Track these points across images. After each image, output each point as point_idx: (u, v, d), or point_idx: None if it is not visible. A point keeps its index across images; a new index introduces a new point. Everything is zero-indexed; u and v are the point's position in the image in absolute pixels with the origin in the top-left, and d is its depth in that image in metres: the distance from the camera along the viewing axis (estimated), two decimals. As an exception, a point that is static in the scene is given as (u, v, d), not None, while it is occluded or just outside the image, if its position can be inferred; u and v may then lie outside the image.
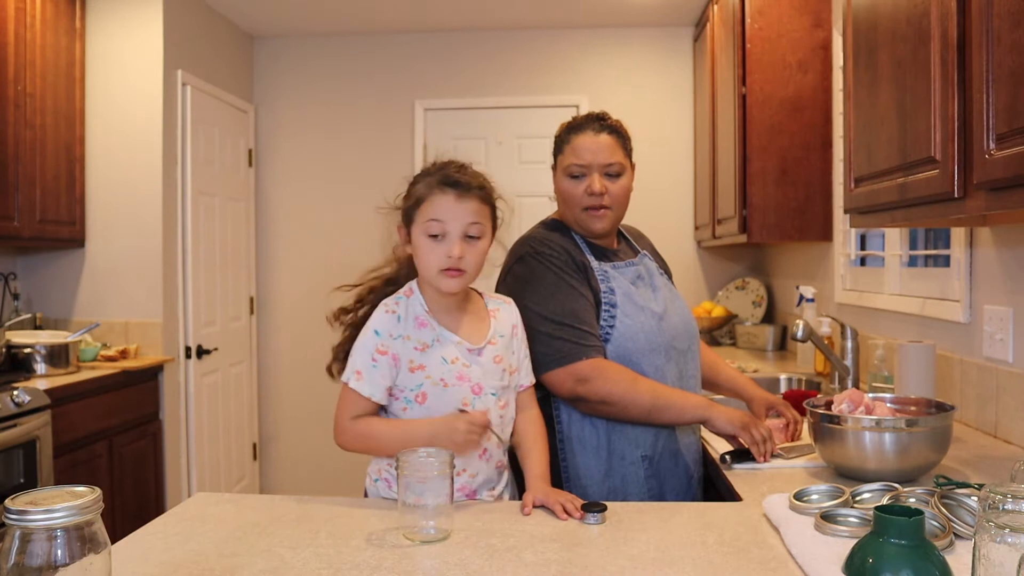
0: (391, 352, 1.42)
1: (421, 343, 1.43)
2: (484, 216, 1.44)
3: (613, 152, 1.71)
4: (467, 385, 1.43)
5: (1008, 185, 1.18)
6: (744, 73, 3.16)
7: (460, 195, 1.41)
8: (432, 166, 1.48)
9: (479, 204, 1.43)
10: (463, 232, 1.41)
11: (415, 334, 1.44)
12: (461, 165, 1.48)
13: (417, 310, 1.46)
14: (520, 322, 1.56)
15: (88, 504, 0.87)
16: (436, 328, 1.45)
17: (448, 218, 1.40)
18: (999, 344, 1.84)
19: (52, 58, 3.30)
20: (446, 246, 1.40)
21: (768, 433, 1.62)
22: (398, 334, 1.43)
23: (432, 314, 1.46)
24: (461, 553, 1.16)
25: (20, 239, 3.13)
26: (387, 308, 1.46)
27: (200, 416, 3.92)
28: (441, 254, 1.40)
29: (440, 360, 1.43)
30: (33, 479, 2.65)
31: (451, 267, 1.40)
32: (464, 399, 1.42)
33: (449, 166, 1.47)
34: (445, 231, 1.40)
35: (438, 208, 1.40)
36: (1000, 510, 0.86)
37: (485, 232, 1.44)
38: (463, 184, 1.42)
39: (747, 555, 1.14)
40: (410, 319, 1.45)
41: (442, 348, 1.43)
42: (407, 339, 1.43)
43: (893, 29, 1.58)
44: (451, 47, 4.60)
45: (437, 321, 1.45)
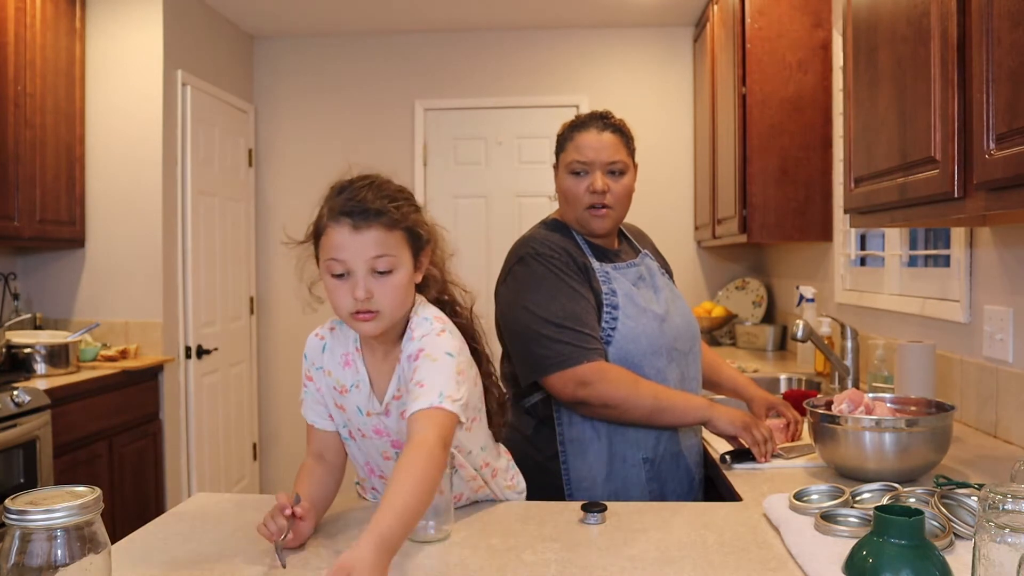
0: (316, 382, 1.32)
1: (340, 384, 1.30)
2: (393, 245, 1.20)
3: (616, 151, 1.71)
4: (387, 439, 1.30)
5: (1008, 185, 1.18)
6: (744, 73, 3.16)
7: (357, 226, 1.18)
8: (336, 186, 1.24)
9: (383, 232, 1.19)
10: (369, 268, 1.19)
11: (337, 372, 1.30)
12: (365, 184, 1.22)
13: (347, 344, 1.31)
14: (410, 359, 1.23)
15: (88, 504, 0.87)
16: (359, 371, 1.29)
17: (347, 255, 1.18)
18: (999, 344, 1.84)
19: (52, 58, 3.30)
20: (350, 285, 1.19)
21: (769, 433, 1.62)
22: (319, 365, 1.32)
23: (362, 352, 1.30)
24: (461, 553, 1.16)
25: (20, 239, 3.13)
26: (317, 332, 1.34)
27: (200, 416, 3.92)
28: (346, 293, 1.19)
29: (356, 410, 1.30)
30: (33, 479, 2.65)
31: (359, 310, 1.19)
32: (384, 452, 1.32)
33: (349, 188, 1.21)
34: (348, 269, 1.19)
35: (335, 243, 1.18)
36: (1000, 510, 0.86)
37: (399, 264, 1.21)
38: (359, 212, 1.18)
39: (747, 555, 1.14)
40: (336, 353, 1.31)
41: (359, 396, 1.29)
42: (328, 374, 1.31)
43: (893, 29, 1.58)
44: (451, 47, 4.60)
45: (364, 362, 1.29)
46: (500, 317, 1.72)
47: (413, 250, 1.25)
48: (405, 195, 1.26)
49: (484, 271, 4.52)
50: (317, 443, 1.35)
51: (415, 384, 1.18)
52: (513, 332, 1.66)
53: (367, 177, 1.24)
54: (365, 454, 1.35)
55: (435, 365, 1.20)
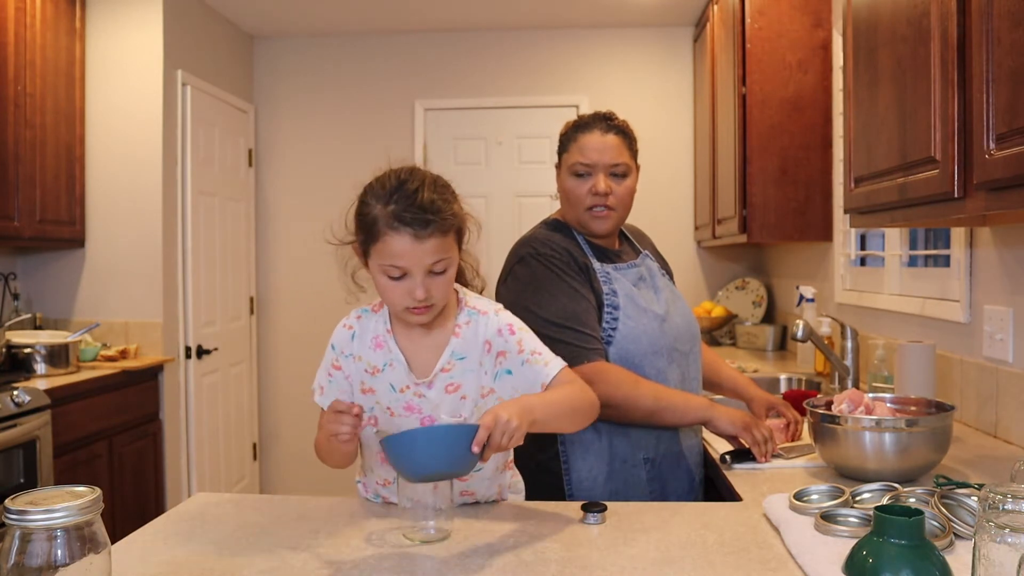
0: (344, 369, 1.36)
1: (372, 366, 1.34)
2: (447, 248, 1.26)
3: (619, 152, 1.71)
4: (415, 417, 1.34)
5: (1008, 185, 1.18)
6: (744, 73, 3.16)
7: (418, 235, 1.22)
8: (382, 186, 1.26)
9: (440, 239, 1.24)
10: (426, 271, 1.25)
11: (368, 355, 1.35)
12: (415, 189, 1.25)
13: (378, 328, 1.36)
14: (498, 332, 1.35)
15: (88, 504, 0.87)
16: (392, 351, 1.34)
17: (408, 262, 1.23)
18: (999, 344, 1.84)
19: (52, 58, 3.30)
20: (408, 286, 1.25)
21: (769, 433, 1.62)
22: (349, 352, 1.36)
23: (393, 333, 1.35)
24: (461, 553, 1.16)
25: (20, 239, 3.13)
26: (345, 323, 1.38)
27: (200, 416, 3.92)
28: (403, 293, 1.25)
29: (388, 387, 1.34)
30: (33, 479, 2.65)
31: (416, 306, 1.26)
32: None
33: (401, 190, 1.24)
34: (406, 272, 1.24)
35: (394, 251, 1.23)
36: (1000, 510, 0.86)
37: (451, 263, 1.28)
38: (420, 222, 1.22)
39: (747, 555, 1.14)
40: (366, 338, 1.36)
41: (392, 374, 1.33)
42: (358, 360, 1.35)
43: (893, 29, 1.58)
44: (451, 47, 4.60)
45: (396, 342, 1.34)
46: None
47: (459, 245, 1.33)
48: (450, 191, 1.32)
49: (484, 271, 4.50)
50: None
51: (531, 353, 1.34)
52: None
53: (415, 175, 1.28)
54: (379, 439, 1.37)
55: (530, 335, 1.37)
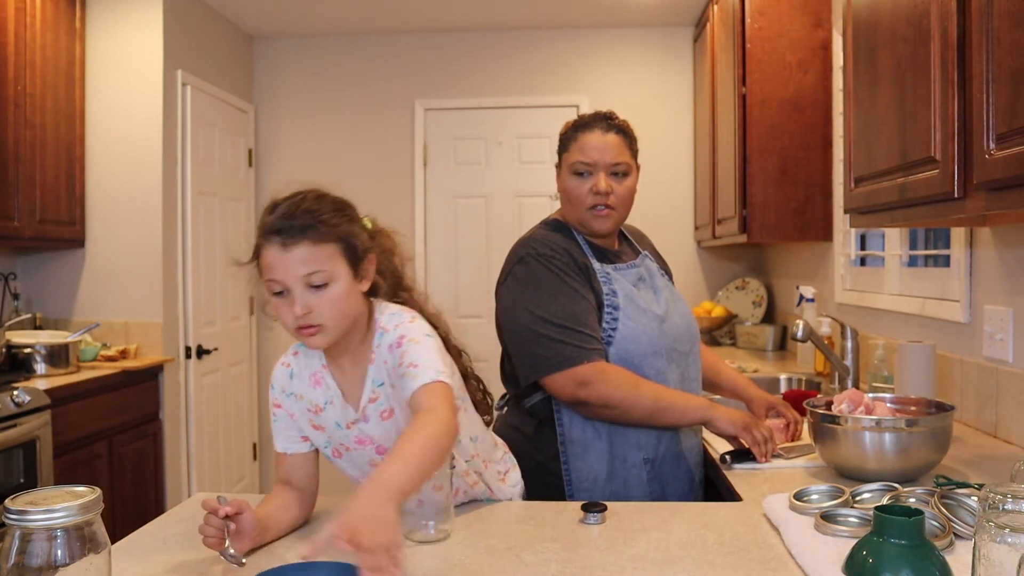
0: (286, 408, 1.33)
1: (314, 404, 1.31)
2: (324, 259, 1.19)
3: (620, 152, 1.70)
4: (370, 447, 1.30)
5: (1008, 185, 1.18)
6: (744, 73, 3.16)
7: (286, 243, 1.17)
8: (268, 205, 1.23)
9: (311, 247, 1.18)
10: (304, 284, 1.18)
11: (309, 393, 1.31)
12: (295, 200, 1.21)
13: (313, 364, 1.31)
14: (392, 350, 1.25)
15: (88, 504, 0.87)
16: (331, 387, 1.30)
17: (280, 274, 1.18)
18: (999, 344, 1.84)
19: (52, 58, 3.30)
20: (290, 303, 1.19)
21: (769, 433, 1.62)
22: (290, 391, 1.32)
23: (329, 368, 1.31)
24: (461, 553, 1.16)
25: (20, 239, 3.13)
26: (283, 360, 1.34)
27: (200, 416, 3.92)
28: (288, 312, 1.20)
29: (335, 425, 1.30)
30: (33, 479, 2.65)
31: (301, 325, 1.20)
32: (372, 460, 1.31)
33: (281, 204, 1.21)
34: (284, 287, 1.19)
35: (268, 263, 1.19)
36: (1000, 510, 0.86)
37: (334, 276, 1.20)
38: (286, 229, 1.17)
39: (747, 555, 1.14)
40: (305, 376, 1.32)
41: (335, 411, 1.29)
42: (299, 398, 1.32)
43: (893, 29, 1.58)
44: (451, 47, 4.60)
45: (334, 378, 1.30)
46: (500, 317, 1.72)
47: (350, 260, 1.23)
48: (339, 207, 1.24)
49: (484, 271, 4.52)
50: (284, 470, 1.33)
51: (408, 366, 1.20)
52: (513, 332, 1.66)
53: (298, 193, 1.23)
54: (355, 467, 1.35)
55: (420, 346, 1.22)
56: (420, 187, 4.60)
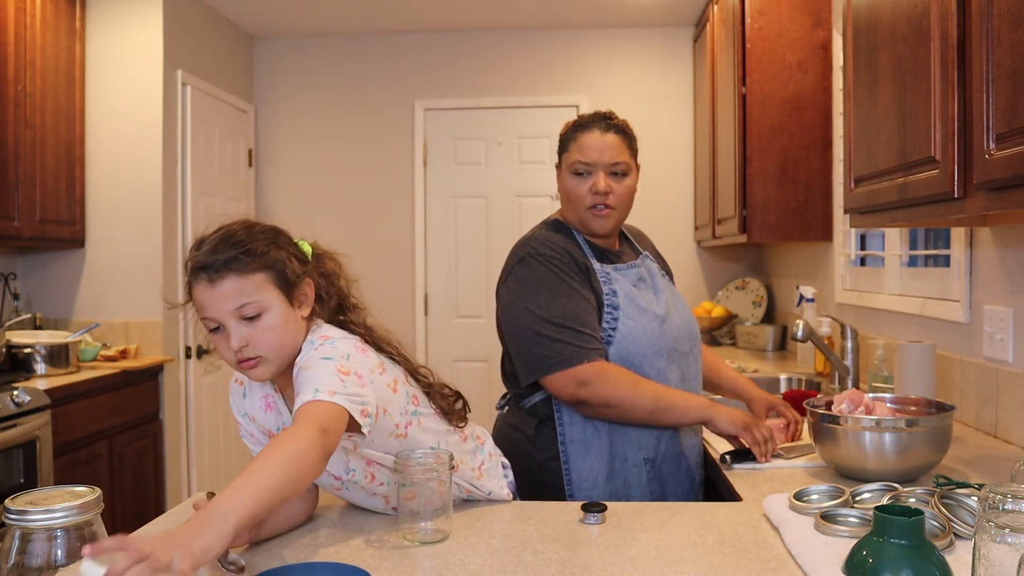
0: (244, 428, 1.32)
1: (265, 429, 1.29)
2: (252, 290, 1.17)
3: (619, 151, 1.71)
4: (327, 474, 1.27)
5: (1008, 185, 1.18)
6: (744, 73, 3.16)
7: (211, 279, 1.16)
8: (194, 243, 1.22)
9: (238, 280, 1.16)
10: (236, 317, 1.17)
11: (261, 417, 1.29)
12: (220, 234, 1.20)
13: (266, 387, 1.29)
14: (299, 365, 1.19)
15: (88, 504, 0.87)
16: (282, 412, 1.28)
17: (212, 311, 1.17)
18: (999, 344, 1.84)
19: (52, 58, 3.30)
20: (227, 338, 1.18)
21: (769, 433, 1.62)
22: (243, 411, 1.31)
23: (280, 391, 1.28)
24: (461, 553, 1.16)
25: (20, 239, 3.13)
26: (236, 377, 1.31)
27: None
28: (226, 347, 1.19)
29: None
30: (33, 479, 2.65)
31: (240, 359, 1.19)
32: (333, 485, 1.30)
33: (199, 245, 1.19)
34: (219, 323, 1.18)
35: (199, 302, 1.18)
36: (1000, 510, 0.86)
37: (266, 306, 1.18)
38: (210, 267, 1.16)
39: (747, 555, 1.14)
40: (256, 398, 1.29)
41: None
42: (252, 420, 1.30)
43: (893, 29, 1.58)
44: (451, 47, 4.60)
45: (284, 401, 1.28)
46: (501, 317, 1.72)
47: (282, 288, 1.21)
48: (267, 235, 1.22)
49: (484, 271, 4.52)
50: None
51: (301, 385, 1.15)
52: (514, 332, 1.67)
53: (223, 227, 1.22)
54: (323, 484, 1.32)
55: (309, 373, 1.15)
56: (420, 187, 4.60)
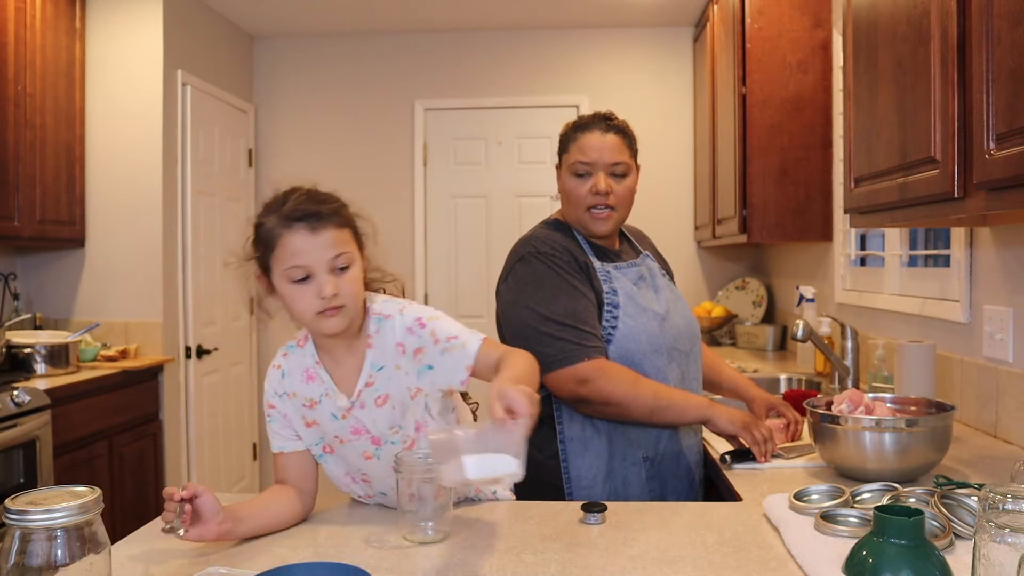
0: (279, 408, 1.34)
1: (309, 399, 1.33)
2: (347, 242, 1.26)
3: (619, 152, 1.71)
4: (365, 437, 1.32)
5: (1008, 185, 1.18)
6: (744, 73, 3.16)
7: (314, 228, 1.22)
8: (274, 200, 1.27)
9: (336, 231, 1.24)
10: (330, 267, 1.23)
11: (302, 390, 1.33)
12: (307, 191, 1.27)
13: (306, 362, 1.33)
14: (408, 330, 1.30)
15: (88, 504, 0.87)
16: (325, 381, 1.32)
17: (309, 258, 1.22)
18: (999, 344, 1.84)
19: (52, 58, 3.30)
20: (314, 287, 1.22)
21: (769, 433, 1.62)
22: (282, 391, 1.34)
23: (322, 363, 1.33)
24: (461, 553, 1.16)
25: (20, 239, 3.13)
26: (273, 364, 1.37)
27: (200, 416, 3.92)
28: (312, 297, 1.22)
29: (330, 416, 1.32)
30: (33, 479, 2.65)
31: (326, 308, 1.23)
32: (365, 452, 1.33)
33: (292, 195, 1.26)
34: (309, 272, 1.22)
35: (294, 250, 1.22)
36: (1000, 510, 0.86)
37: (354, 258, 1.26)
38: (314, 214, 1.23)
39: (747, 555, 1.14)
40: (296, 374, 1.34)
41: (330, 403, 1.31)
42: (292, 396, 1.33)
43: (893, 29, 1.58)
44: (451, 47, 4.60)
45: (327, 371, 1.32)
46: (501, 315, 1.72)
47: (359, 245, 1.30)
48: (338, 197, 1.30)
49: (484, 271, 4.53)
50: (280, 469, 1.36)
51: (447, 340, 1.28)
52: (514, 330, 1.67)
53: (299, 187, 1.29)
54: (344, 462, 1.36)
55: (442, 320, 1.31)
56: (420, 187, 4.60)
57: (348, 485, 1.40)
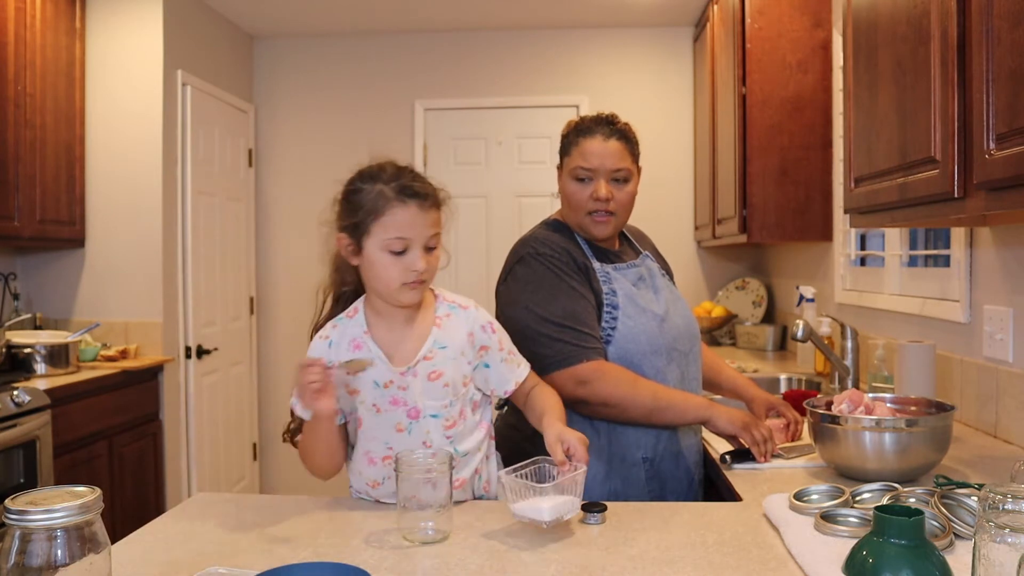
0: None
1: None
2: (440, 224, 1.37)
3: (621, 158, 1.70)
4: (402, 409, 1.37)
5: (1008, 185, 1.18)
6: (744, 73, 3.16)
7: (422, 206, 1.33)
8: (379, 170, 1.37)
9: (437, 213, 1.36)
10: (425, 245, 1.34)
11: (347, 357, 1.38)
12: (412, 171, 1.37)
13: (355, 332, 1.40)
14: (482, 328, 1.44)
15: (88, 504, 0.87)
16: (371, 349, 1.38)
17: (414, 232, 1.32)
18: (999, 344, 1.84)
19: (52, 58, 3.30)
20: (409, 260, 1.32)
21: (769, 433, 1.62)
22: (329, 360, 1.37)
23: (370, 334, 1.39)
24: (461, 553, 1.16)
25: (20, 239, 3.13)
26: (320, 335, 1.43)
27: (200, 416, 3.92)
28: (403, 268, 1.32)
29: (372, 384, 1.37)
30: (33, 479, 2.65)
31: (414, 280, 1.34)
32: (399, 424, 1.38)
33: (404, 174, 1.35)
34: (407, 245, 1.32)
35: (402, 223, 1.31)
36: (1000, 510, 0.86)
37: (439, 240, 1.38)
38: (424, 194, 1.33)
39: (747, 555, 1.14)
40: (344, 343, 1.40)
41: (374, 371, 1.37)
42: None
43: (893, 29, 1.58)
44: (451, 47, 4.60)
45: (374, 341, 1.39)
46: (500, 316, 1.72)
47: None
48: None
49: (484, 271, 4.52)
50: None
51: (508, 353, 1.48)
52: (513, 331, 1.66)
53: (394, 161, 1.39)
54: (373, 437, 1.39)
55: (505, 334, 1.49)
56: (420, 187, 4.60)
57: (364, 469, 1.41)
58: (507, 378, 1.46)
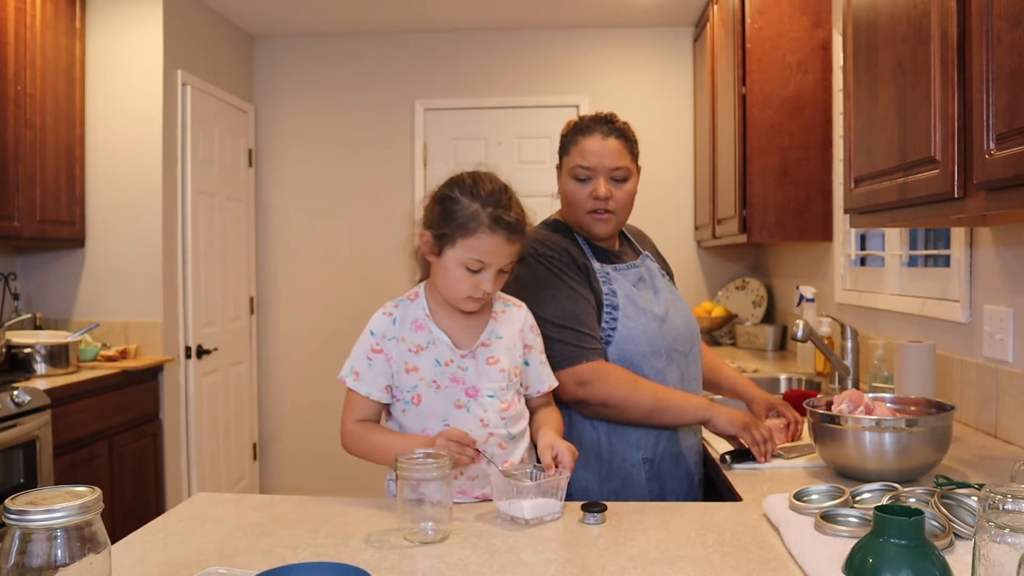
0: (385, 352, 1.45)
1: (416, 345, 1.45)
2: (519, 252, 1.45)
3: (620, 156, 1.70)
4: (460, 388, 1.44)
5: (1008, 185, 1.18)
6: (744, 73, 3.16)
7: (510, 239, 1.40)
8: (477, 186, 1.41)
9: (521, 243, 1.43)
10: (498, 270, 1.41)
11: (410, 336, 1.46)
12: (509, 198, 1.42)
13: (416, 313, 1.47)
14: (530, 328, 1.54)
15: (88, 504, 0.87)
16: (433, 331, 1.46)
17: (495, 260, 1.39)
18: (999, 344, 1.84)
19: (52, 58, 3.30)
20: (481, 279, 1.40)
21: (769, 433, 1.62)
22: (392, 336, 1.46)
23: (432, 317, 1.47)
24: (461, 553, 1.16)
25: (20, 239, 3.13)
26: (384, 311, 1.49)
27: (200, 416, 3.92)
28: (473, 285, 1.40)
29: (433, 362, 1.44)
30: (33, 479, 2.65)
31: (481, 297, 1.42)
32: (457, 400, 1.44)
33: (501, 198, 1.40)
34: (484, 268, 1.40)
35: (486, 249, 1.38)
36: (1000, 510, 0.86)
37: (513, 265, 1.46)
38: (514, 229, 1.40)
39: (747, 555, 1.14)
40: (407, 322, 1.47)
41: (436, 350, 1.45)
42: (401, 341, 1.45)
43: (893, 29, 1.58)
44: (451, 47, 4.60)
45: (435, 323, 1.46)
46: (500, 317, 1.72)
47: None
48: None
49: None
50: (364, 411, 1.47)
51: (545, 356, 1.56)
52: (513, 332, 1.67)
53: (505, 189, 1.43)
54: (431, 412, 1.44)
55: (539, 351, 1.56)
56: (420, 187, 4.60)
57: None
58: (543, 379, 1.55)
